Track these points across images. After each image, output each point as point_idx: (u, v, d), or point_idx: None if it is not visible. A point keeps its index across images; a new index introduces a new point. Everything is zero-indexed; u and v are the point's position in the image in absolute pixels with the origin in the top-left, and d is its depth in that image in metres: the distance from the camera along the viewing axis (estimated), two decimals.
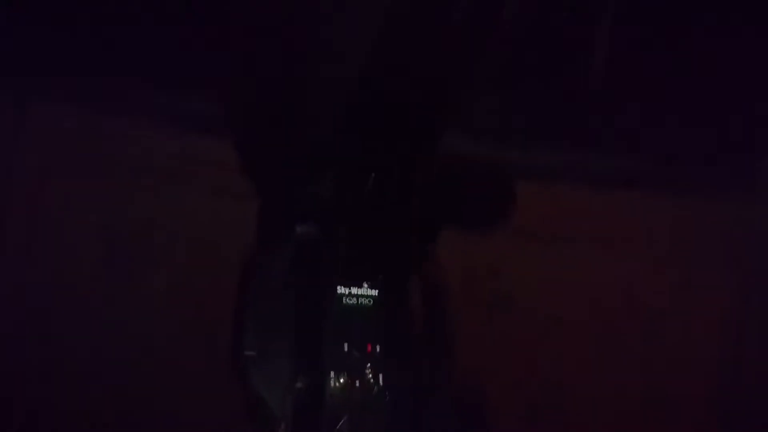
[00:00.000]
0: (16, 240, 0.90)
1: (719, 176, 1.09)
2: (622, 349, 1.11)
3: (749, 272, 1.10)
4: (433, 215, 0.58)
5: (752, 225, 1.10)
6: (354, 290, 0.55)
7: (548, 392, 1.08)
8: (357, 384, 0.51)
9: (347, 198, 0.54)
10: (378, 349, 0.53)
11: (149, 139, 0.94)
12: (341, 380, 0.51)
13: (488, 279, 1.10)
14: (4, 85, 0.89)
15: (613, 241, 1.12)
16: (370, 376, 0.52)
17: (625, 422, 1.08)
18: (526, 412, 1.07)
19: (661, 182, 1.11)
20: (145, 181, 0.94)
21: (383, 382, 0.52)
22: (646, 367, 1.10)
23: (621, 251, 1.12)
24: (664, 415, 1.08)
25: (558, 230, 1.11)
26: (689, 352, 1.10)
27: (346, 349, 0.52)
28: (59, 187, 0.92)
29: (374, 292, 0.56)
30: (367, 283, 0.56)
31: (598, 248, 1.12)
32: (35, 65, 0.88)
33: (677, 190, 1.10)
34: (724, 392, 1.09)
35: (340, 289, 0.54)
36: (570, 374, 1.09)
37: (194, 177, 0.96)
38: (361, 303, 0.55)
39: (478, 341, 1.02)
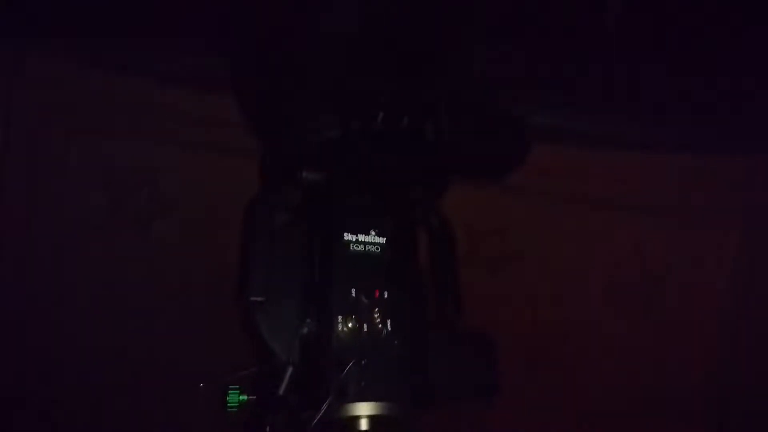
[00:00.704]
0: (17, 192, 0.90)
1: (723, 133, 1.07)
2: (625, 305, 1.11)
3: (754, 229, 1.10)
4: (442, 162, 0.57)
5: (755, 183, 1.09)
6: (361, 237, 0.54)
7: (551, 346, 1.10)
8: (365, 329, 0.51)
9: (354, 142, 0.52)
10: (386, 295, 0.53)
11: (151, 89, 0.92)
12: (349, 325, 0.51)
13: (494, 237, 1.10)
14: (3, 37, 0.87)
15: (618, 199, 1.11)
16: (378, 321, 0.51)
17: (624, 376, 1.09)
18: (527, 363, 1.09)
19: (665, 141, 1.09)
20: (148, 130, 0.93)
21: (391, 327, 0.52)
22: (648, 322, 1.10)
23: (626, 209, 1.11)
24: (665, 369, 1.10)
25: (564, 189, 1.10)
26: (691, 308, 1.11)
27: (353, 294, 0.52)
28: (60, 137, 0.91)
29: (382, 240, 0.55)
30: (374, 230, 0.55)
31: (603, 207, 1.11)
32: (35, 18, 0.86)
33: (681, 148, 1.09)
34: (723, 347, 1.10)
35: (347, 236, 0.54)
36: (572, 329, 1.10)
37: (197, 126, 0.95)
38: (369, 250, 0.54)
39: (483, 297, 1.03)
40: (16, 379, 0.88)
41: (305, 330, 0.53)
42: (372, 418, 0.50)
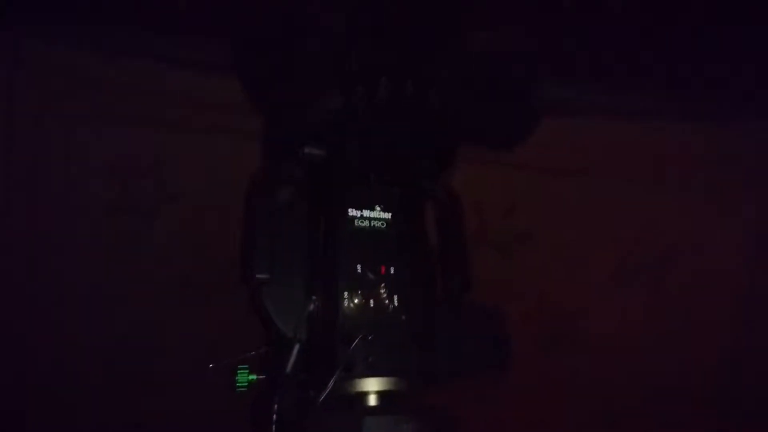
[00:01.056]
0: (19, 181, 0.89)
1: (736, 105, 1.04)
2: (637, 283, 1.10)
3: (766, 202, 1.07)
4: (448, 132, 0.55)
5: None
6: (366, 213, 0.53)
7: (562, 324, 1.08)
8: (371, 305, 0.50)
9: (356, 113, 0.51)
10: (392, 271, 0.52)
11: (151, 73, 0.91)
12: (355, 301, 0.50)
13: (504, 217, 1.08)
14: (3, 24, 0.87)
15: (630, 174, 1.09)
16: (385, 296, 0.50)
17: (637, 355, 1.08)
18: (539, 342, 1.08)
19: (678, 114, 1.07)
20: (150, 116, 0.92)
21: (398, 303, 0.51)
22: (663, 298, 1.09)
23: (639, 184, 1.09)
24: (680, 345, 1.08)
25: (574, 166, 1.08)
26: (704, 284, 1.09)
27: (359, 270, 0.51)
28: (61, 125, 0.91)
29: (387, 215, 0.54)
30: (379, 206, 0.54)
31: (616, 182, 1.09)
32: (34, 5, 0.85)
33: (694, 121, 1.07)
34: (738, 322, 1.08)
35: (352, 212, 0.52)
36: (583, 308, 1.08)
37: (201, 113, 0.94)
38: (374, 226, 0.53)
39: (493, 277, 1.02)
40: (21, 362, 0.89)
41: (311, 307, 0.52)
42: (380, 394, 0.49)
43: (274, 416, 0.49)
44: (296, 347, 0.51)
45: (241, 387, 0.55)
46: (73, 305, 0.91)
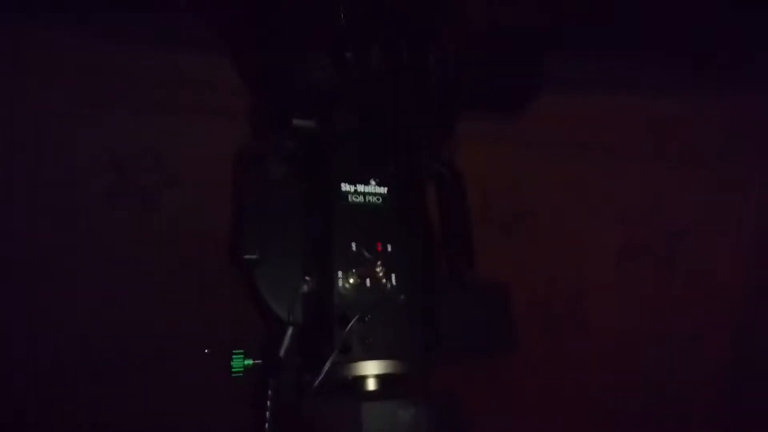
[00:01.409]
0: (18, 168, 0.87)
1: (746, 79, 1.00)
2: (644, 260, 1.07)
3: None
4: (448, 99, 0.52)
5: None
6: (360, 188, 0.50)
7: (567, 304, 1.06)
8: (368, 284, 0.48)
9: (348, 80, 0.47)
10: (389, 248, 0.49)
11: (150, 63, 0.89)
12: (350, 281, 0.47)
13: (507, 195, 1.05)
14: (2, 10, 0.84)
15: (636, 150, 1.05)
16: (382, 275, 0.48)
17: (644, 335, 1.05)
18: (544, 322, 1.05)
19: (684, 88, 1.03)
20: (148, 99, 0.90)
21: (396, 281, 0.48)
22: (668, 278, 1.06)
23: (645, 161, 1.06)
24: (689, 326, 1.06)
25: (579, 141, 1.04)
26: (713, 263, 1.06)
27: (354, 248, 0.48)
28: (60, 111, 0.88)
29: (383, 190, 0.51)
30: (374, 180, 0.51)
31: (621, 159, 1.06)
32: None
33: (700, 95, 1.03)
34: (747, 303, 1.05)
35: (345, 187, 0.50)
36: (591, 285, 1.06)
37: (197, 100, 0.92)
38: (369, 201, 0.50)
39: (497, 256, 0.99)
40: (22, 349, 0.88)
41: (305, 288, 0.49)
42: (379, 378, 0.47)
43: (269, 402, 0.47)
44: (290, 330, 0.48)
45: (237, 372, 0.53)
46: (73, 293, 0.89)
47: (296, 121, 0.49)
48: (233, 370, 0.53)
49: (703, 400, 1.07)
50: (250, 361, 0.53)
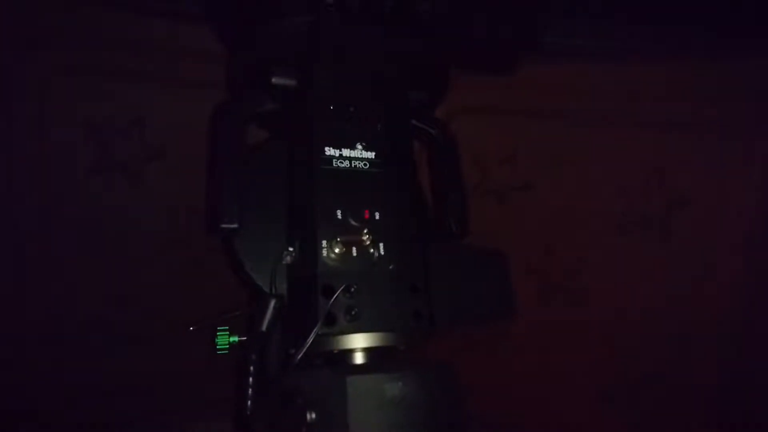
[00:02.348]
0: None
1: (749, 44, 0.96)
2: (644, 231, 1.04)
3: None
4: (440, 51, 0.48)
5: None
6: (346, 152, 0.47)
7: (565, 276, 1.04)
8: (354, 253, 0.45)
9: (329, 30, 0.43)
10: (377, 216, 0.46)
11: (132, 27, 0.85)
12: (336, 250, 0.44)
13: (504, 166, 1.02)
14: None
15: (634, 116, 1.02)
16: (369, 244, 0.45)
17: (643, 307, 1.04)
18: (541, 294, 1.04)
19: (687, 56, 0.99)
20: (129, 69, 0.86)
21: (384, 250, 0.45)
22: (668, 249, 1.04)
23: (643, 129, 1.03)
24: (689, 298, 1.04)
25: (575, 109, 1.01)
26: (715, 233, 1.03)
27: (339, 216, 0.45)
28: (38, 81, 0.85)
29: (370, 155, 0.48)
30: (361, 144, 0.47)
31: (619, 128, 1.03)
32: None
33: (701, 60, 0.99)
34: (748, 274, 1.03)
35: (329, 151, 0.46)
36: (589, 256, 1.04)
37: (181, 69, 0.88)
38: (355, 166, 0.47)
39: (493, 228, 0.97)
40: (5, 325, 0.86)
41: (288, 259, 0.47)
42: (368, 351, 0.44)
43: (251, 378, 0.44)
44: (272, 302, 0.45)
45: (222, 349, 0.51)
46: (55, 269, 0.87)
47: (275, 79, 0.45)
48: (218, 347, 0.51)
49: (701, 371, 1.06)
50: (235, 338, 0.51)
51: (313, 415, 0.38)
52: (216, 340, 0.52)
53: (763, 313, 1.02)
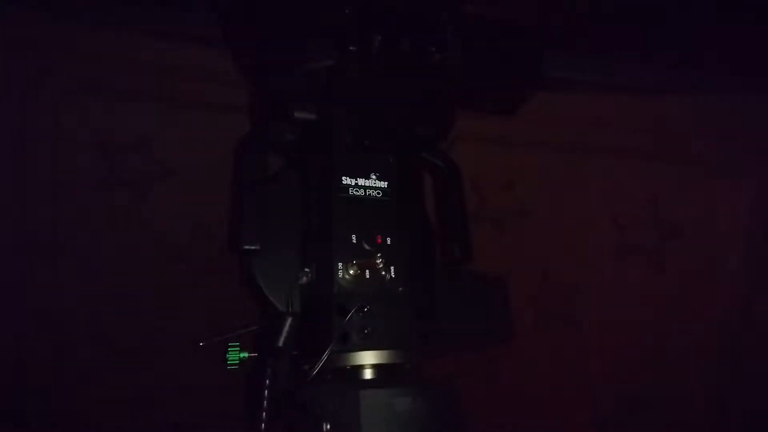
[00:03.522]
0: (5, 161, 0.86)
1: (737, 79, 1.01)
2: (638, 258, 1.08)
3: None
4: (449, 91, 0.52)
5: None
6: (361, 181, 0.51)
7: (561, 301, 1.07)
8: (367, 276, 0.48)
9: (350, 71, 0.48)
10: (389, 241, 0.50)
11: (139, 45, 0.88)
12: (350, 272, 0.48)
13: (502, 192, 1.06)
14: None
15: (630, 149, 1.06)
16: (381, 267, 0.48)
17: (637, 331, 1.06)
18: (538, 319, 1.06)
19: (680, 89, 1.04)
20: (139, 89, 0.89)
21: (395, 273, 0.49)
22: (662, 276, 1.07)
23: (639, 159, 1.07)
24: (678, 326, 1.07)
25: (573, 140, 1.05)
26: (706, 262, 1.07)
27: (354, 241, 0.49)
28: (47, 101, 0.88)
29: (383, 184, 0.51)
30: (375, 174, 0.51)
31: (615, 157, 1.07)
32: None
33: (694, 94, 1.04)
34: (739, 300, 1.07)
35: (346, 180, 0.50)
36: (585, 283, 1.07)
37: (189, 89, 0.91)
38: (369, 194, 0.51)
39: (492, 253, 1.00)
40: (9, 340, 0.87)
41: (304, 279, 0.50)
42: (378, 367, 0.47)
43: (266, 392, 0.47)
44: (288, 320, 0.48)
45: (233, 365, 0.54)
46: (62, 284, 0.89)
47: (297, 114, 0.49)
48: (229, 362, 0.53)
49: (694, 398, 1.08)
50: (245, 354, 0.53)
51: (328, 426, 0.41)
52: (227, 356, 0.54)
53: (753, 341, 1.06)
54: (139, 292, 0.90)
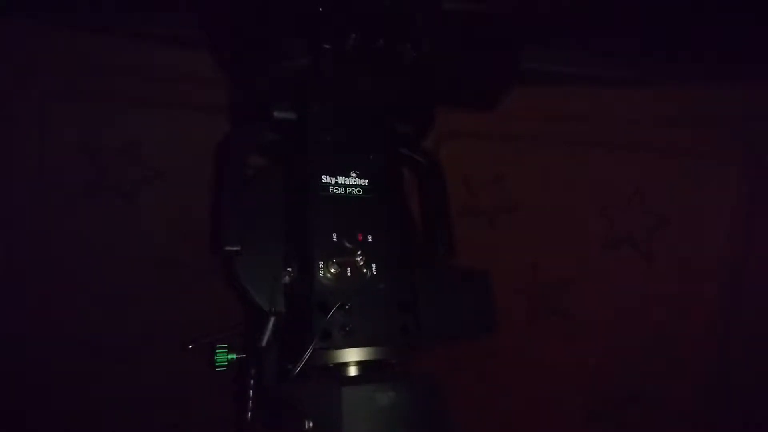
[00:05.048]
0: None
1: (718, 68, 1.02)
2: (626, 250, 1.08)
3: (755, 165, 1.06)
4: (424, 88, 0.52)
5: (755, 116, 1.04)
6: (341, 179, 0.51)
7: (551, 294, 1.07)
8: (348, 273, 0.48)
9: (326, 70, 0.48)
10: (369, 238, 0.50)
11: (125, 49, 0.88)
12: (331, 270, 0.48)
13: (492, 187, 1.06)
14: None
15: (616, 141, 1.07)
16: (362, 264, 0.49)
17: (627, 322, 1.07)
18: (529, 313, 1.07)
19: (663, 80, 1.04)
20: (126, 92, 0.89)
21: (376, 270, 0.49)
22: (651, 268, 1.08)
23: (626, 151, 1.07)
24: (668, 316, 1.07)
25: (561, 132, 1.06)
26: (693, 250, 1.08)
27: (335, 239, 0.49)
28: (35, 105, 0.88)
29: (363, 182, 0.52)
30: (354, 172, 0.52)
31: (602, 150, 1.07)
32: None
33: (680, 85, 1.04)
34: (727, 290, 1.07)
35: (326, 178, 0.50)
36: (575, 275, 1.07)
37: (176, 91, 0.91)
38: (349, 192, 0.51)
39: (483, 248, 1.01)
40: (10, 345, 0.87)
41: (287, 278, 0.50)
42: (361, 364, 0.47)
43: (251, 391, 0.47)
44: (271, 320, 0.49)
45: (221, 366, 0.54)
46: (50, 289, 0.89)
47: (277, 114, 0.50)
48: (217, 364, 0.54)
49: (683, 388, 1.09)
50: (233, 355, 0.54)
51: (311, 423, 0.41)
52: (215, 357, 0.55)
53: (741, 331, 1.06)
54: (130, 294, 0.90)
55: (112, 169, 0.92)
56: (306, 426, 0.41)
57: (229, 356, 0.54)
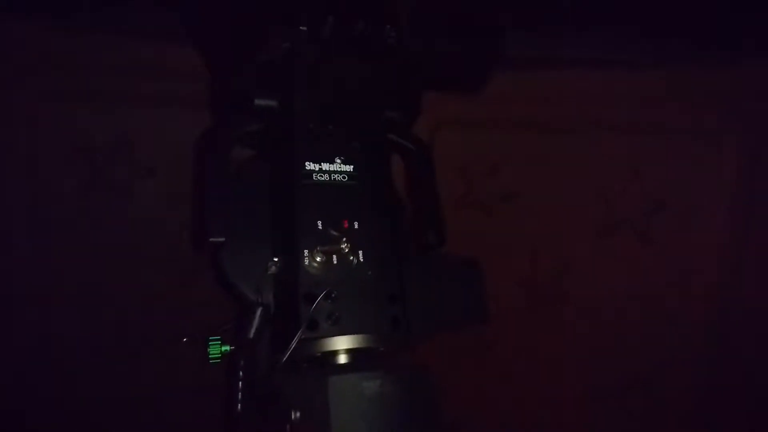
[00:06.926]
0: None
1: (715, 49, 1.00)
2: (624, 235, 1.07)
3: (752, 147, 1.04)
4: (406, 72, 0.51)
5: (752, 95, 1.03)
6: (325, 166, 0.50)
7: (551, 282, 1.07)
8: (334, 261, 0.48)
9: (304, 55, 0.47)
10: (356, 226, 0.49)
11: (117, 49, 0.88)
12: (317, 259, 0.47)
13: (489, 177, 1.05)
14: None
15: (612, 125, 1.06)
16: (348, 252, 0.48)
17: (631, 304, 1.06)
18: (530, 299, 1.06)
19: (658, 61, 1.03)
20: (116, 89, 0.89)
21: (363, 258, 0.48)
22: (649, 252, 1.07)
23: (622, 135, 1.06)
24: (667, 300, 1.06)
25: (554, 120, 1.05)
26: (693, 236, 1.06)
27: (320, 227, 0.48)
28: (25, 103, 0.87)
29: (349, 168, 0.51)
30: (339, 158, 0.51)
31: (597, 134, 1.06)
32: None
33: (676, 66, 1.03)
34: (727, 273, 1.06)
35: (309, 165, 0.49)
36: (575, 260, 1.06)
37: (166, 87, 0.91)
38: (334, 179, 0.50)
39: (480, 238, 1.00)
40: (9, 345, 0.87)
41: (273, 269, 0.49)
42: (351, 352, 0.47)
43: (240, 382, 0.47)
44: (259, 310, 0.48)
45: (215, 359, 0.53)
46: (47, 287, 0.89)
47: (258, 101, 0.49)
48: (210, 356, 0.53)
49: (683, 372, 1.08)
50: (227, 347, 0.53)
51: (298, 414, 0.41)
52: (209, 350, 0.54)
53: (740, 313, 1.05)
54: (125, 293, 0.90)
55: (104, 168, 0.91)
56: (293, 416, 0.41)
57: (223, 348, 0.53)
